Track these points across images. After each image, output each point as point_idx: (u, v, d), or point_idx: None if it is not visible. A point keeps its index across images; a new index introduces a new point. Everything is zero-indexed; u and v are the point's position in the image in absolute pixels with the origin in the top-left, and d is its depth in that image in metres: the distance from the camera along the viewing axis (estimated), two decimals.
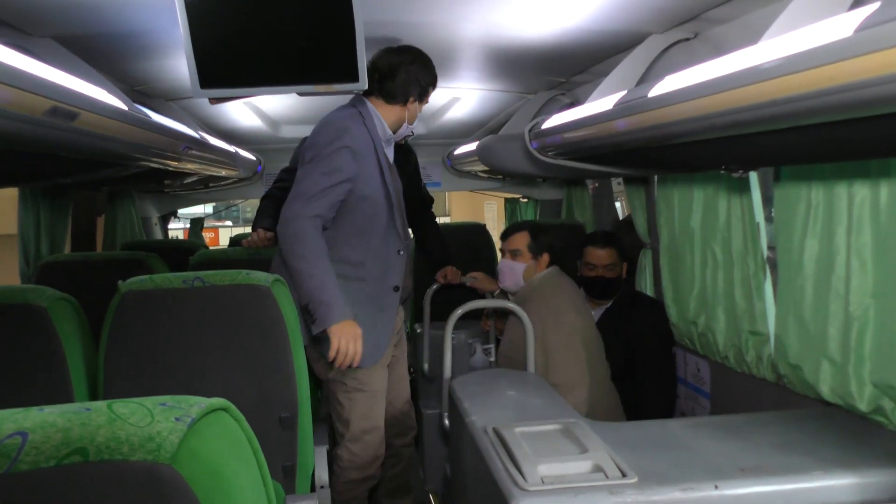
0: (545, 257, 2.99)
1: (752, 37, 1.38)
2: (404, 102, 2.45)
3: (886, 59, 0.85)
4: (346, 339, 2.22)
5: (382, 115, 2.46)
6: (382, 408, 2.58)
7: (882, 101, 0.93)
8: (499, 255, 3.39)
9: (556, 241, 3.06)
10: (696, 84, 1.35)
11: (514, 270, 2.99)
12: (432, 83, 2.50)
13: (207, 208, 12.00)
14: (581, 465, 1.72)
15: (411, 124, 2.52)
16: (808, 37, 1.02)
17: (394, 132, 2.53)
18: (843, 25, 0.95)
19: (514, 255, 3.01)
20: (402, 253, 2.51)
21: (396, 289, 2.51)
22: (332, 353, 2.23)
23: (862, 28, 0.91)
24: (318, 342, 2.36)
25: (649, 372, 3.05)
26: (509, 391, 2.47)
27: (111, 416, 0.72)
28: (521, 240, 3.02)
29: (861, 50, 0.89)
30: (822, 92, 0.99)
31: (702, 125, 1.39)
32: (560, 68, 3.01)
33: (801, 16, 1.23)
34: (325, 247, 2.25)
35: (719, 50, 2.09)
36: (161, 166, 2.46)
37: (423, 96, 2.49)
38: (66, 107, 1.31)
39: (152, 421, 0.74)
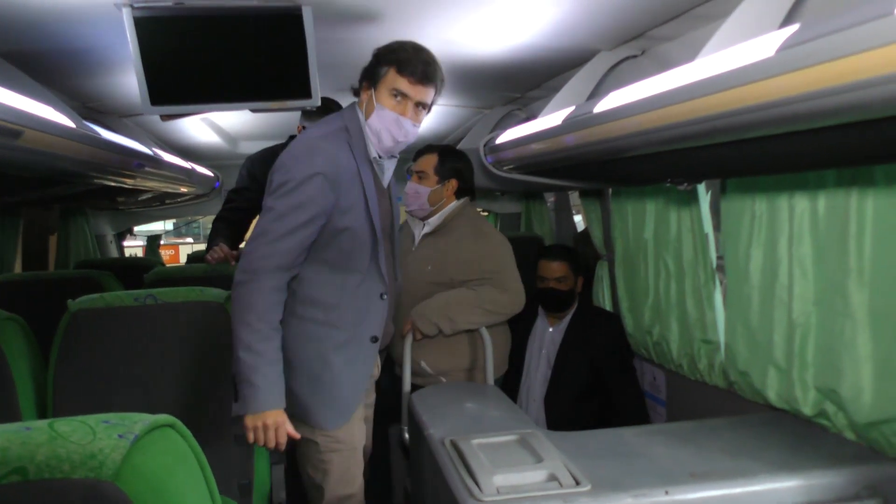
0: (453, 182, 2.78)
1: (696, 54, 1.44)
2: (358, 91, 2.03)
3: (804, 77, 0.90)
4: (261, 431, 1.84)
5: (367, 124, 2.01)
6: (361, 467, 2.20)
7: (804, 118, 0.97)
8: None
9: (466, 167, 2.82)
10: (635, 101, 1.40)
11: (419, 194, 2.80)
12: (384, 62, 1.95)
13: (167, 225, 11.83)
14: (536, 475, 1.75)
15: (368, 118, 1.98)
16: (736, 56, 1.07)
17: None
18: (767, 45, 1.00)
19: (421, 177, 2.82)
20: (385, 297, 2.09)
21: (374, 339, 2.09)
22: (249, 438, 1.86)
23: (783, 48, 0.95)
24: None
25: (620, 387, 3.04)
26: (468, 403, 2.48)
27: (52, 435, 0.72)
28: (429, 162, 2.82)
29: (781, 69, 0.94)
30: (749, 108, 1.04)
31: (643, 140, 1.44)
32: (515, 84, 3.07)
33: (733, 34, 1.28)
34: (278, 316, 1.90)
35: (666, 66, 2.13)
36: (114, 183, 2.43)
37: (374, 79, 1.96)
38: (10, 125, 1.29)
39: (94, 438, 0.73)
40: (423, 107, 1.98)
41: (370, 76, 1.97)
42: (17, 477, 0.68)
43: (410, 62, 1.92)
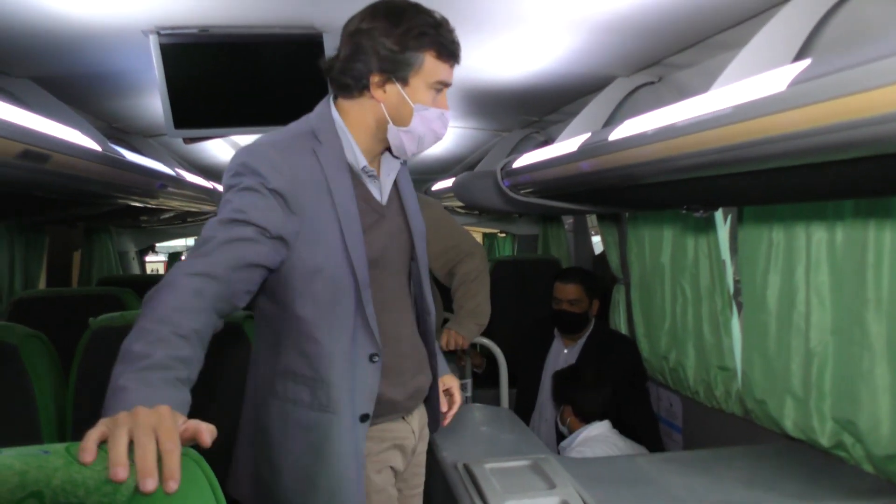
0: None
1: (713, 83, 1.45)
2: (364, 88, 1.44)
3: (814, 113, 0.91)
4: (120, 432, 0.84)
5: (353, 126, 1.48)
6: None
7: (815, 152, 0.98)
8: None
9: None
10: (648, 130, 1.41)
11: None
12: (414, 46, 1.40)
13: (189, 241, 11.98)
14: (548, 501, 1.74)
15: (402, 125, 1.46)
16: (749, 89, 1.08)
17: (381, 150, 1.54)
18: (779, 80, 1.01)
19: None
20: (376, 360, 1.50)
21: (365, 417, 1.50)
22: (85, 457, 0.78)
23: (794, 83, 0.96)
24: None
25: (633, 411, 3.01)
26: (482, 427, 2.48)
27: (68, 460, 0.73)
28: None
29: (792, 104, 0.95)
30: (761, 141, 1.05)
31: (657, 168, 1.45)
32: (533, 108, 3.10)
33: (747, 67, 1.29)
34: (194, 324, 1.19)
35: (683, 93, 2.17)
36: (137, 203, 2.48)
37: (401, 71, 1.41)
38: (38, 149, 1.33)
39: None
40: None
41: (389, 67, 1.41)
42: (33, 501, 0.69)
43: (449, 41, 1.43)
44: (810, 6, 1.34)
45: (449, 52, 1.43)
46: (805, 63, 0.98)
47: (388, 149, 1.54)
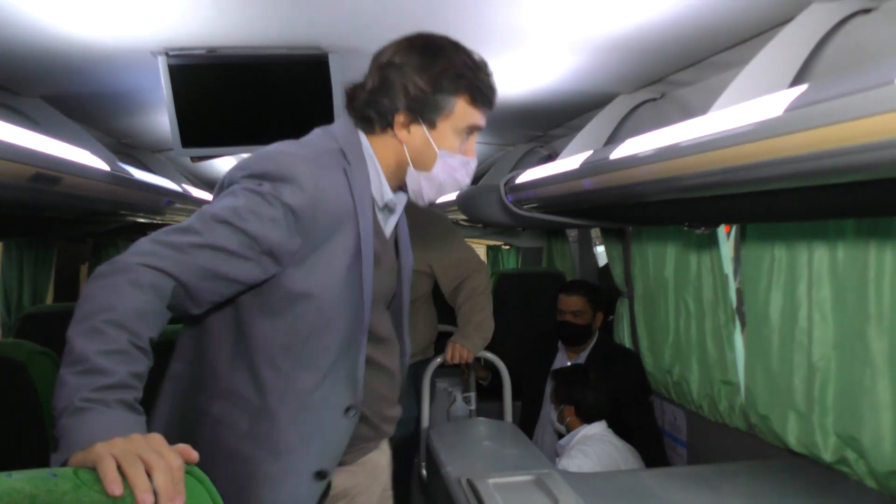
0: None
1: (714, 100, 1.47)
2: (388, 126, 1.36)
3: (810, 138, 0.92)
4: (129, 458, 0.84)
5: (379, 158, 1.39)
6: None
7: (812, 175, 1.00)
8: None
9: None
10: (648, 151, 1.43)
11: None
12: (449, 89, 1.31)
13: None
14: None
15: (423, 170, 1.37)
16: (746, 113, 1.10)
17: (397, 188, 1.46)
18: (776, 104, 1.03)
19: None
20: (353, 414, 1.37)
21: (322, 475, 1.35)
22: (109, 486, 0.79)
23: (791, 108, 0.98)
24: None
25: (637, 425, 3.01)
26: (486, 441, 2.49)
27: (77, 483, 0.75)
28: None
29: (788, 129, 0.97)
30: (758, 164, 1.07)
31: (657, 187, 1.47)
32: (536, 123, 3.12)
33: (746, 89, 1.31)
34: (150, 332, 1.09)
35: (685, 110, 2.19)
36: (145, 219, 2.51)
37: (429, 113, 1.32)
38: (49, 172, 1.36)
39: None
40: None
41: (417, 107, 1.32)
42: None
43: (486, 86, 1.35)
44: (809, 29, 1.36)
45: (484, 98, 1.35)
46: (801, 88, 1.00)
47: (402, 187, 1.45)
